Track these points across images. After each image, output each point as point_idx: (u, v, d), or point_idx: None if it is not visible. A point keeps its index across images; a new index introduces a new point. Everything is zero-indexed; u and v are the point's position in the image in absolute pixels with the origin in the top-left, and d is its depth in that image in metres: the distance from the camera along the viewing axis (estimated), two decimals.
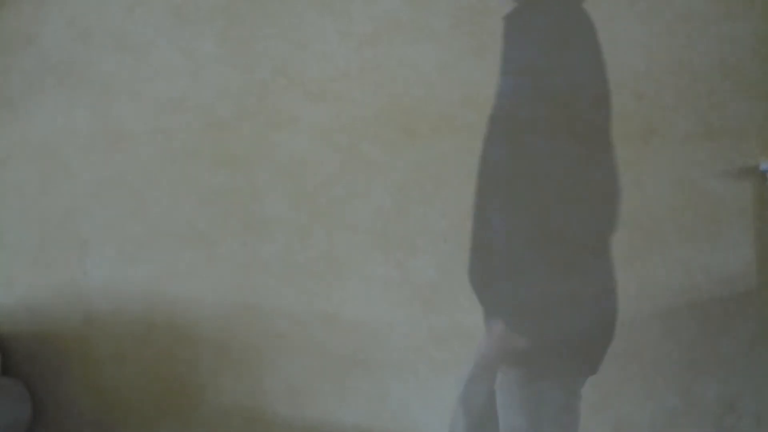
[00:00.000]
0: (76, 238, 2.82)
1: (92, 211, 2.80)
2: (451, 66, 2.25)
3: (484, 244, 1.71)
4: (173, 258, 2.65)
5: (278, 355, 2.49)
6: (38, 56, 2.91)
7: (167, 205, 2.67)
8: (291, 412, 2.48)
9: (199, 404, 2.61)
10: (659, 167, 2.04)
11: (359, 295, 2.03)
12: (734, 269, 1.98)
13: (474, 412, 1.80)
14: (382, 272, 2.28)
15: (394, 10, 2.29)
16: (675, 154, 2.03)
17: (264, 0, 2.52)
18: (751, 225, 1.97)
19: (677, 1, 2.03)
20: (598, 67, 1.68)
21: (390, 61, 2.24)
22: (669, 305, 2.03)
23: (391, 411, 2.24)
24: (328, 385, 2.42)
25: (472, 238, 1.73)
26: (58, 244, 2.85)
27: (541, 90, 1.61)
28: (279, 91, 2.50)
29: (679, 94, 2.03)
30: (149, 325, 2.69)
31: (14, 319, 2.94)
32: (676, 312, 2.03)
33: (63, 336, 2.84)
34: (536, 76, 1.60)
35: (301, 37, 2.47)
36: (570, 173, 1.68)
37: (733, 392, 1.98)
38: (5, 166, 2.98)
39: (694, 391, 2.01)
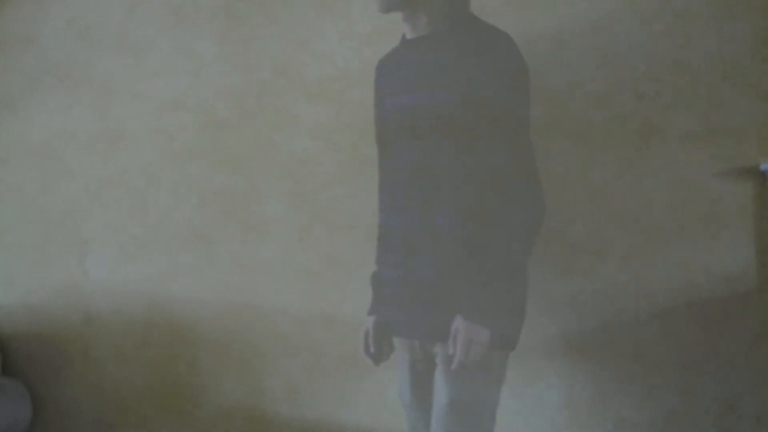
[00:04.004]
0: (76, 238, 2.82)
1: (92, 211, 2.80)
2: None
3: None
4: (173, 258, 2.65)
5: (278, 355, 2.49)
6: (38, 56, 2.91)
7: (167, 205, 2.67)
8: (291, 412, 2.48)
9: (199, 404, 2.61)
10: (659, 167, 2.04)
11: (359, 295, 2.02)
12: (734, 269, 1.97)
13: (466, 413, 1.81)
14: None
15: None
16: (675, 154, 2.03)
17: (264, 0, 2.52)
18: (751, 225, 1.97)
19: (677, 1, 2.03)
20: (516, 79, 1.76)
21: None
22: (669, 305, 2.03)
23: (391, 411, 2.24)
24: (328, 385, 2.42)
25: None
26: (58, 244, 2.85)
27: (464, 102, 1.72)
28: (279, 91, 2.50)
29: (679, 94, 2.03)
30: (149, 325, 2.69)
31: (14, 319, 2.94)
32: (676, 312, 2.02)
33: (63, 336, 2.84)
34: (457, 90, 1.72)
35: (301, 37, 2.47)
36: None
37: (733, 392, 1.98)
38: (5, 166, 2.98)
39: (694, 391, 2.01)
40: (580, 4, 2.11)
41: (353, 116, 2.33)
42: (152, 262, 2.69)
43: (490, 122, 1.70)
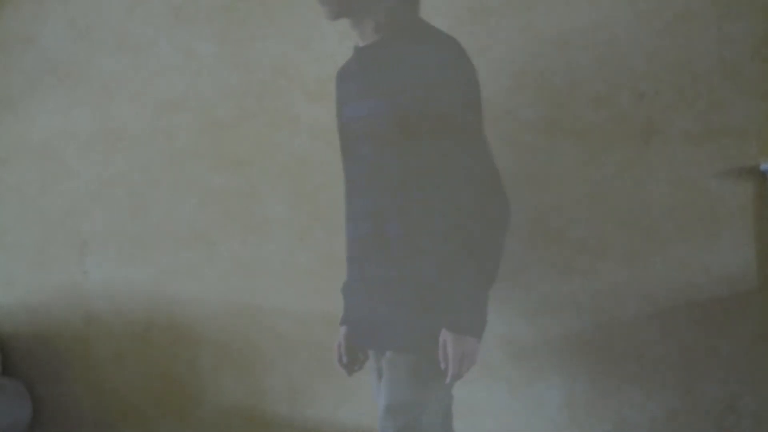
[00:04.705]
0: (76, 238, 2.82)
1: (92, 211, 2.80)
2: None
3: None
4: (173, 258, 2.65)
5: (278, 355, 2.49)
6: (38, 56, 2.91)
7: (167, 205, 2.67)
8: (291, 412, 2.48)
9: (199, 404, 2.61)
10: (659, 167, 2.04)
11: None
12: (734, 269, 1.98)
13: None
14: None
15: None
16: (675, 154, 2.03)
17: (264, 0, 2.52)
18: (751, 225, 1.97)
19: (677, 1, 2.03)
20: (467, 84, 1.75)
21: None
22: (669, 305, 2.03)
23: None
24: (328, 385, 2.42)
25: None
26: (58, 244, 2.85)
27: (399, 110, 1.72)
28: (279, 91, 2.50)
29: (679, 94, 2.03)
30: (149, 325, 2.69)
31: (14, 319, 2.94)
32: (676, 312, 2.03)
33: (63, 336, 2.84)
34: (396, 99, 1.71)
35: (301, 37, 2.47)
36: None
37: (733, 392, 1.98)
38: (5, 166, 2.98)
39: (694, 391, 2.01)
40: (580, 4, 2.11)
41: None
42: (152, 262, 2.69)
43: (442, 126, 1.69)
